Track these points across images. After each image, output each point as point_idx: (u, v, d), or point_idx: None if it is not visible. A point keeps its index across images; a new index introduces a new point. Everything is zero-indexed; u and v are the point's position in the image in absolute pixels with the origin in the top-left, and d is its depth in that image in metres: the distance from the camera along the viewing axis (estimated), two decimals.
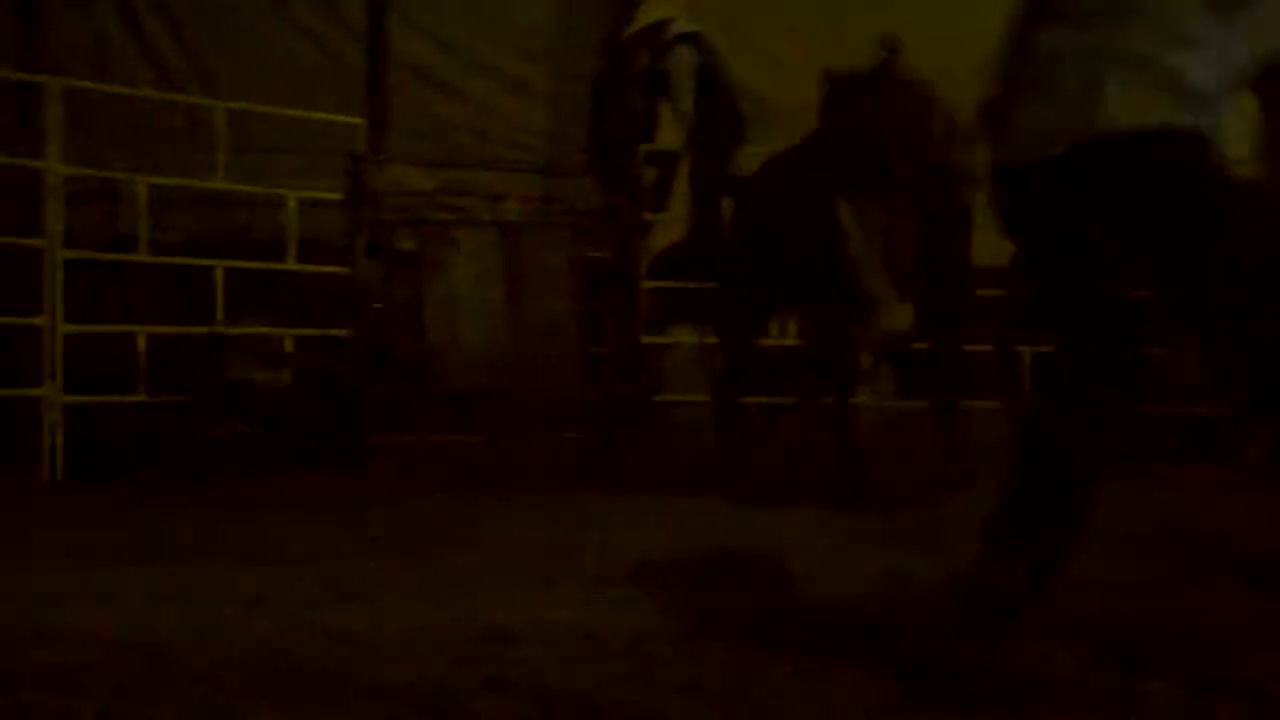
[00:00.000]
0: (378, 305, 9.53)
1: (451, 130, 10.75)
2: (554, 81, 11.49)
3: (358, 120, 9.72)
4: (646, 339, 9.65)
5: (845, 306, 7.05)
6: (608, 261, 9.67)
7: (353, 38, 10.89)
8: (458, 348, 9.50)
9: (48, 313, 8.51)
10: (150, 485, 8.05)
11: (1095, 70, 3.28)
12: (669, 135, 9.76)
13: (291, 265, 9.35)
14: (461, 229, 9.57)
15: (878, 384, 8.71)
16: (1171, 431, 8.71)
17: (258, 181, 9.32)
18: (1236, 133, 3.60)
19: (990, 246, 5.11)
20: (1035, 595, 3.40)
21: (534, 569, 5.21)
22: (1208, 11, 3.27)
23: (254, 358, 9.17)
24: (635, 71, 9.70)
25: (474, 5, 11.15)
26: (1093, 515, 3.42)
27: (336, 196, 9.41)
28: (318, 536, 6.12)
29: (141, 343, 8.75)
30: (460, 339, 9.47)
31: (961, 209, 7.74)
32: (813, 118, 7.49)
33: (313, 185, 9.46)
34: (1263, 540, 5.71)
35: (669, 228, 9.82)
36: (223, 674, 3.50)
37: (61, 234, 8.58)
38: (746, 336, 8.49)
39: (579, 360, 9.59)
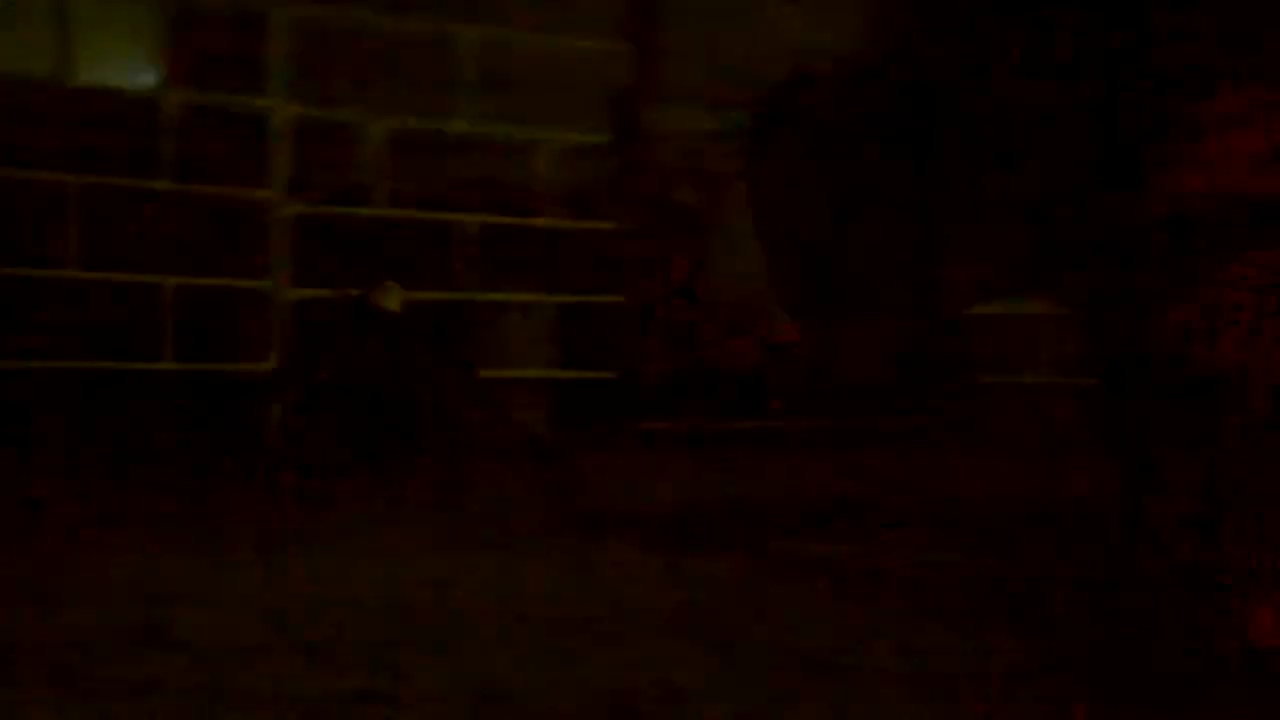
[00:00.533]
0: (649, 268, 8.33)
1: (738, 60, 9.24)
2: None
3: (622, 47, 8.37)
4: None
5: None
6: None
7: None
8: (738, 318, 8.16)
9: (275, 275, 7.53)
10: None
11: None
12: None
13: (544, 221, 8.15)
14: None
15: None
16: None
17: (505, 123, 8.09)
18: None
19: None
20: None
21: None
22: None
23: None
24: None
25: None
26: None
27: (600, 139, 8.18)
28: None
29: (394, 302, 7.42)
30: (742, 307, 8.12)
31: None
32: None
33: (570, 127, 8.21)
34: None
35: None
36: None
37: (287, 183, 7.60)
38: None
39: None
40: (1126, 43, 4.70)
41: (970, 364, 8.60)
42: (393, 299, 7.09)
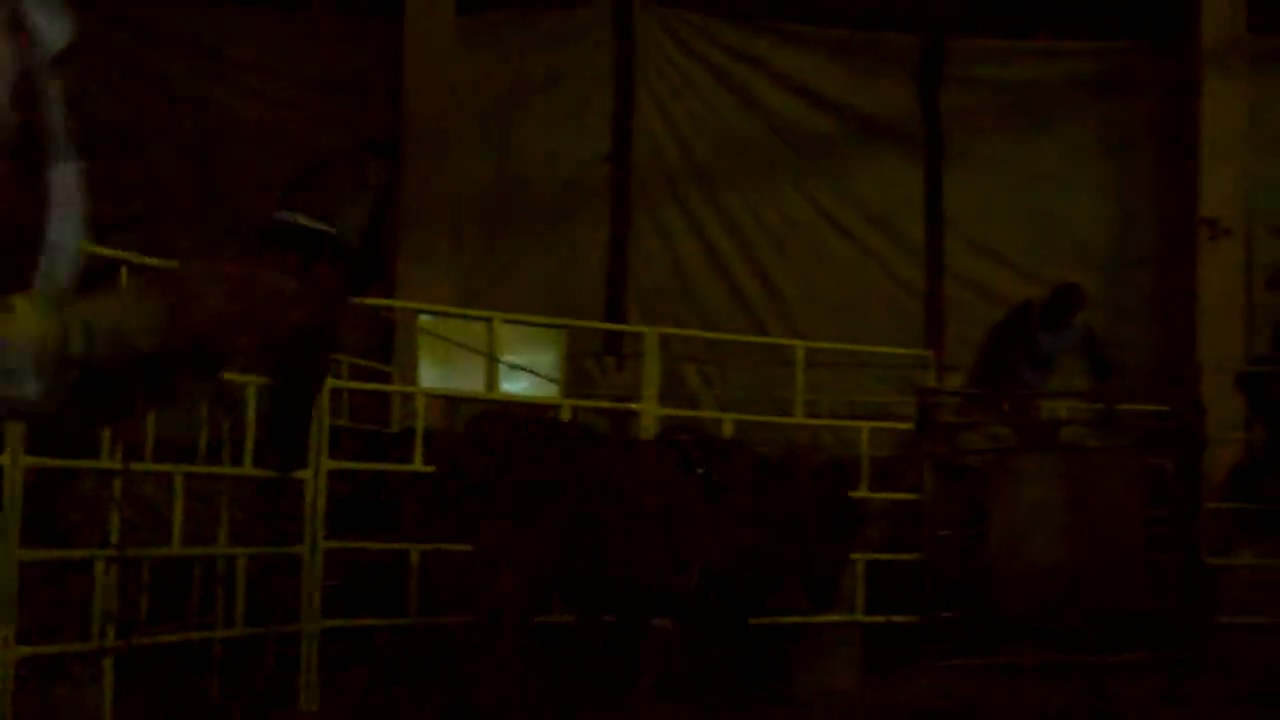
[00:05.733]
0: (944, 531, 9.80)
1: None
2: (1111, 290, 11.78)
3: (927, 353, 10.07)
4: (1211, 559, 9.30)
5: None
6: (1169, 475, 9.51)
7: (912, 257, 11.65)
8: (1021, 570, 9.58)
9: None
10: None
11: None
12: None
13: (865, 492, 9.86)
14: (1024, 454, 9.78)
15: None
16: None
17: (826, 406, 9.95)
18: None
19: None
20: None
21: None
22: None
23: None
24: None
25: (1025, 216, 11.61)
26: None
27: (906, 426, 9.74)
28: None
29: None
30: (1024, 562, 9.56)
31: None
32: None
33: (880, 410, 9.97)
34: None
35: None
36: None
37: None
38: None
39: (1142, 578, 9.38)
40: None
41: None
42: None
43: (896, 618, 8.99)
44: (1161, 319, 11.76)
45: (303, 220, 6.71)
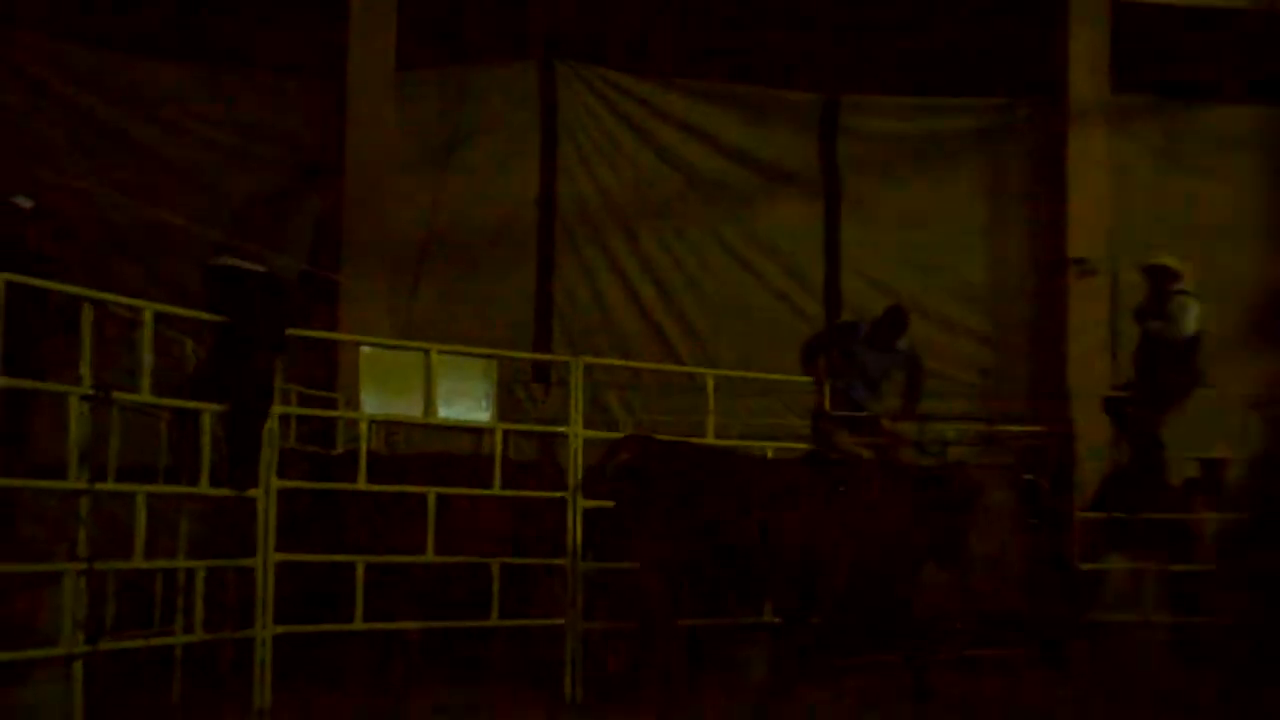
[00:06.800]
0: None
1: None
2: (989, 322, 12.06)
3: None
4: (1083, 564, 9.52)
5: None
6: (1044, 490, 9.71)
7: (811, 293, 11.74)
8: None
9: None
10: None
11: None
12: None
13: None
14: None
15: None
16: None
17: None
18: None
19: None
20: None
21: None
22: None
23: None
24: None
25: (913, 256, 11.86)
26: None
27: (806, 446, 9.19)
28: None
29: None
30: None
31: None
32: None
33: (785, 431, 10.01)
34: None
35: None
36: None
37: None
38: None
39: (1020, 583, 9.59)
40: None
41: None
42: None
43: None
44: (1035, 349, 11.98)
45: (235, 263, 6.93)
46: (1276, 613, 7.55)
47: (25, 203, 7.81)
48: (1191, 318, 9.75)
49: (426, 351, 7.90)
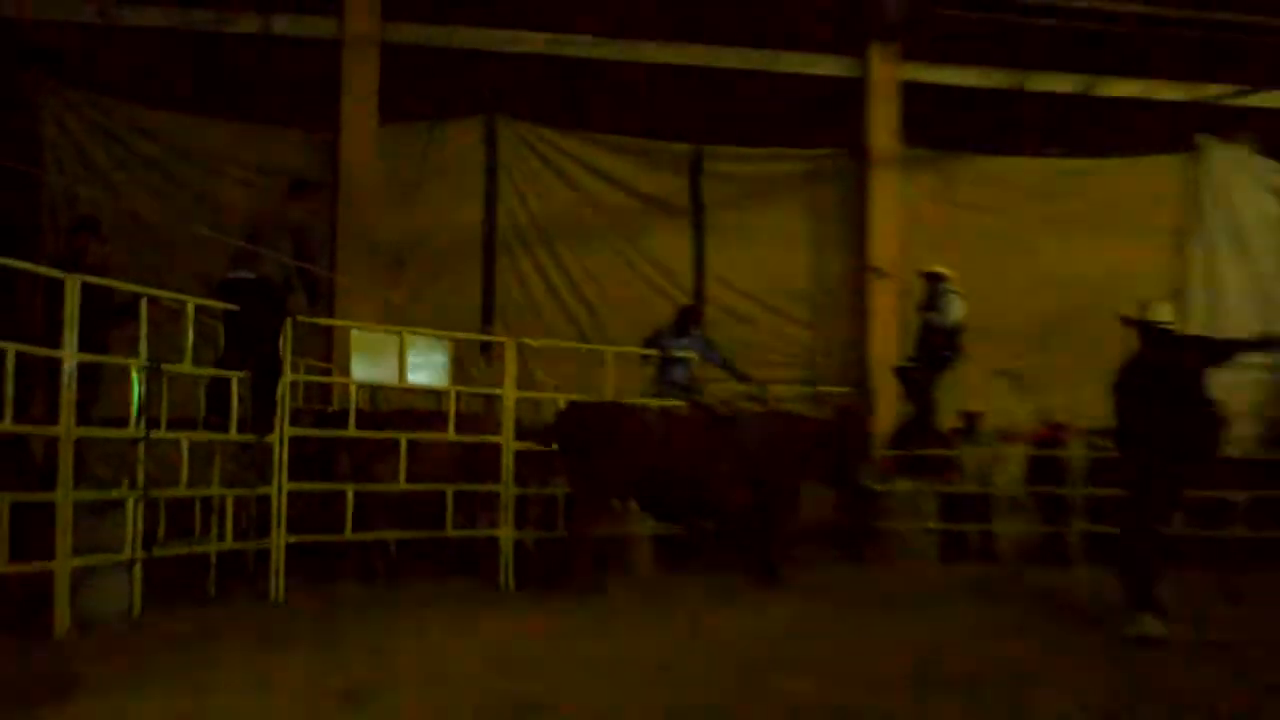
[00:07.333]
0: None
1: (749, 348, 11.30)
2: (815, 313, 12.19)
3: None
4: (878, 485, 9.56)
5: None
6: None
7: (686, 293, 11.70)
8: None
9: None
10: None
11: None
12: None
13: None
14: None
15: None
16: None
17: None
18: None
19: None
20: None
21: None
22: None
23: None
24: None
25: (759, 264, 12.01)
26: None
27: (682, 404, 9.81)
28: None
29: None
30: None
31: None
32: None
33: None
34: None
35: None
36: None
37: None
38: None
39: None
40: None
41: None
42: None
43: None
44: (847, 332, 12.12)
45: (237, 273, 7.01)
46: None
47: (88, 224, 7.88)
48: (956, 309, 10.14)
49: (400, 334, 8.06)
